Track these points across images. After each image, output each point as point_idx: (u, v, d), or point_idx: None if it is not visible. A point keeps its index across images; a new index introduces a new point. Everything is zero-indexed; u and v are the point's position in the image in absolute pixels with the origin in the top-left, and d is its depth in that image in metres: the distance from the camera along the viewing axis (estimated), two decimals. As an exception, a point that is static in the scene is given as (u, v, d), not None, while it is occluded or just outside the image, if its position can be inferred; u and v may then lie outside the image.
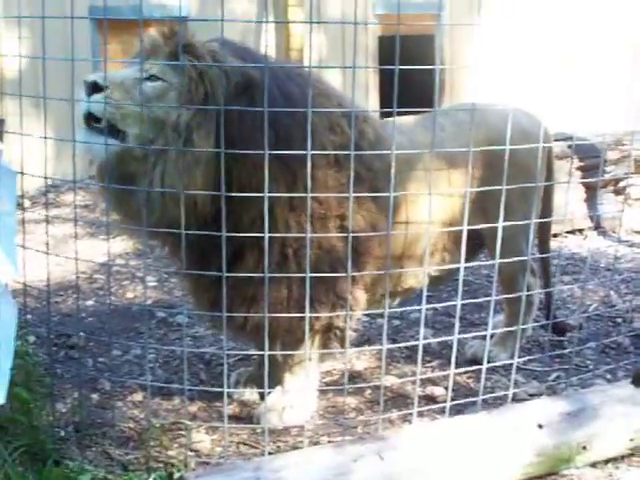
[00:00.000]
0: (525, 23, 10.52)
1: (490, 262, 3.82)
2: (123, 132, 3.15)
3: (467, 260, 3.51)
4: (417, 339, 3.15)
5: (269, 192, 2.82)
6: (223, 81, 3.16)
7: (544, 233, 4.51)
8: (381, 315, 4.40)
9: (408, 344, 3.95)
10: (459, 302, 3.06)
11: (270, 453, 3.16)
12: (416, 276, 3.87)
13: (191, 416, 3.64)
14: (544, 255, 4.46)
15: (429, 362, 4.31)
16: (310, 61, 3.01)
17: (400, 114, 3.84)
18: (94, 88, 3.09)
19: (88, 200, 8.00)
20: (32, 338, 4.39)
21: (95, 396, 3.84)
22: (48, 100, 3.03)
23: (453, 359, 3.16)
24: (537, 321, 4.48)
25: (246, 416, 3.70)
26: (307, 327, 3.03)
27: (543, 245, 4.53)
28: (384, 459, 2.83)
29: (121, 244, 6.25)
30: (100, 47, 8.92)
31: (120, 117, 3.12)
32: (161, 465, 3.20)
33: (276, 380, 3.63)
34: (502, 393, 3.49)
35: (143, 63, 3.16)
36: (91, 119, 3.13)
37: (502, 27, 10.02)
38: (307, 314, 2.95)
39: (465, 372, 4.00)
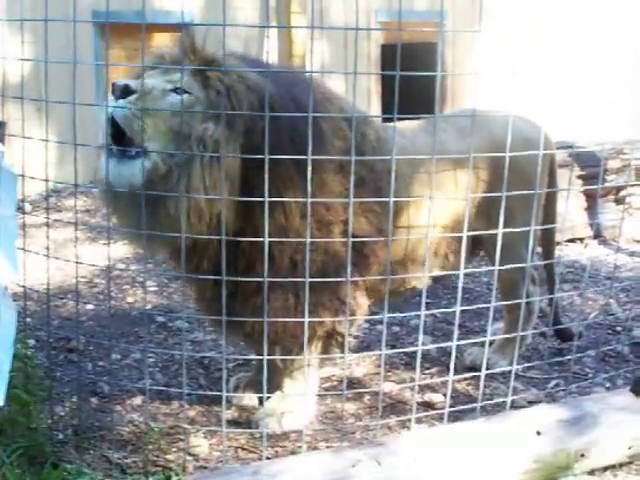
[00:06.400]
0: (526, 31, 10.54)
1: (490, 268, 3.82)
2: (144, 151, 3.02)
3: (466, 260, 3.51)
4: (416, 345, 3.15)
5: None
6: (249, 96, 3.11)
7: (548, 241, 4.52)
8: (381, 321, 4.40)
9: (407, 350, 3.97)
10: (458, 309, 3.06)
11: (268, 458, 3.17)
12: (419, 277, 3.86)
13: (190, 420, 3.64)
14: (547, 262, 4.45)
15: (428, 369, 4.31)
16: (312, 66, 3.01)
17: (401, 120, 3.86)
18: (125, 92, 2.98)
19: (89, 205, 8.02)
20: (32, 341, 4.39)
21: (94, 399, 3.84)
22: (50, 104, 3.03)
23: (452, 366, 3.16)
24: (536, 329, 4.48)
25: (245, 421, 3.70)
26: (306, 332, 3.02)
27: (547, 253, 4.53)
28: (382, 465, 2.83)
29: (122, 249, 6.25)
30: (103, 52, 8.93)
31: (142, 129, 2.99)
32: (159, 469, 3.20)
33: (275, 385, 3.64)
34: (501, 400, 3.49)
35: (165, 74, 3.12)
36: (115, 136, 3.01)
37: (503, 35, 10.04)
38: (306, 319, 2.95)
39: (464, 379, 4.00)
